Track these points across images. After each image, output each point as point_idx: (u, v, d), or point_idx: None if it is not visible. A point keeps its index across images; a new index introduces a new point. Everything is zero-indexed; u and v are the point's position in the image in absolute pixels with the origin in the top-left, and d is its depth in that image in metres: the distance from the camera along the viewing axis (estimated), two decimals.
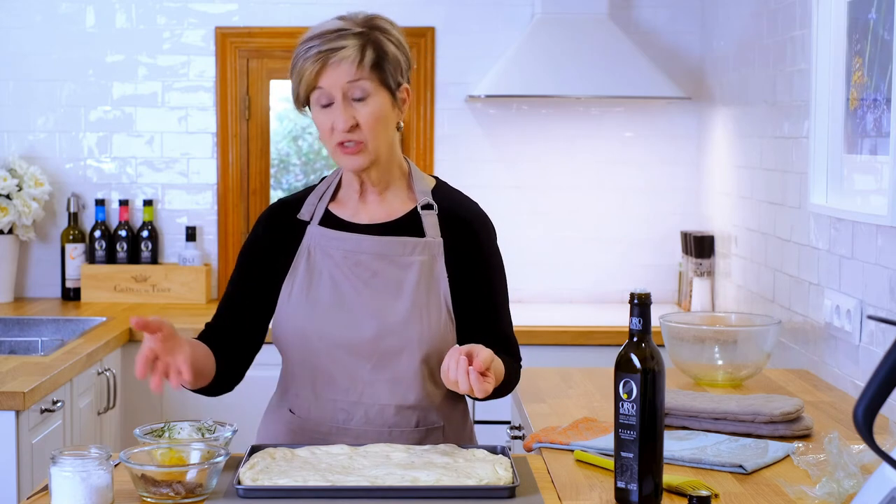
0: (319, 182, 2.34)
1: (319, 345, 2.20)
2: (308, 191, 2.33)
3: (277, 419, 2.30)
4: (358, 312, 2.20)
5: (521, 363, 2.35)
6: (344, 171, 2.28)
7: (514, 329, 2.34)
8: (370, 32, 2.17)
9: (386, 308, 2.20)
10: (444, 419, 2.27)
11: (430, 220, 2.26)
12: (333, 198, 2.30)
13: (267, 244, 2.28)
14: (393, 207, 2.28)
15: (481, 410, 3.88)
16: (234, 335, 2.27)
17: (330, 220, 2.27)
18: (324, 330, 2.20)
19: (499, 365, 2.16)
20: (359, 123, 2.16)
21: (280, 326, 2.24)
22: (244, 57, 4.60)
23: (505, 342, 2.29)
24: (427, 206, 2.27)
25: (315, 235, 2.25)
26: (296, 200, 2.32)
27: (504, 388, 2.24)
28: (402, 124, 2.26)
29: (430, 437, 2.24)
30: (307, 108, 2.22)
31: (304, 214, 2.28)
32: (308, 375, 2.24)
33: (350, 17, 2.20)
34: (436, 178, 2.35)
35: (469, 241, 2.28)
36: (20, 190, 4.38)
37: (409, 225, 2.26)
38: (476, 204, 2.35)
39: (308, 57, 2.15)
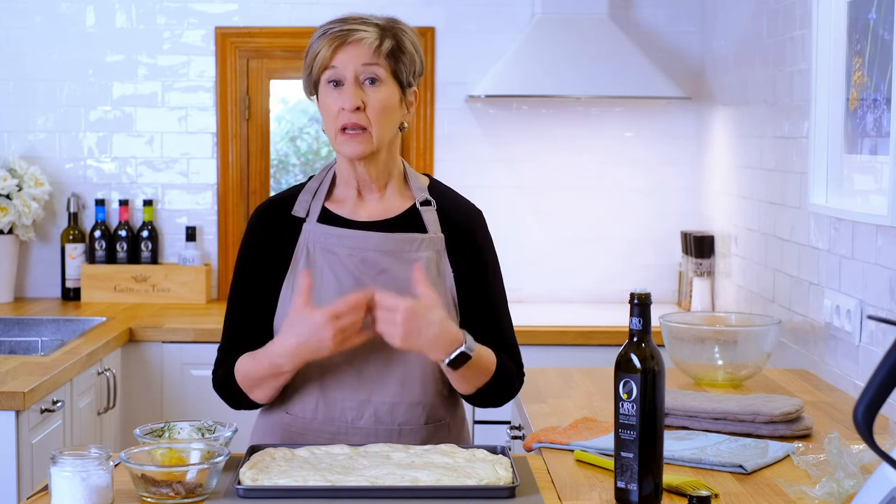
0: (308, 180, 2.30)
1: None
2: (295, 189, 2.29)
3: (275, 422, 2.25)
4: None
5: (524, 373, 2.29)
6: (341, 163, 2.25)
7: (515, 329, 2.31)
8: (391, 27, 2.20)
9: None
10: (449, 415, 2.27)
11: (430, 217, 2.25)
12: (328, 195, 2.27)
13: (265, 243, 2.24)
14: (391, 205, 2.26)
15: (481, 410, 3.87)
16: (258, 343, 2.21)
17: (328, 218, 2.24)
18: None
19: (487, 355, 2.15)
20: (366, 106, 2.16)
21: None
22: (244, 57, 4.60)
23: (505, 345, 2.25)
24: (425, 203, 2.26)
25: (314, 233, 2.22)
26: (284, 199, 2.28)
27: (495, 389, 2.19)
28: (406, 125, 2.25)
29: (438, 434, 2.22)
30: (315, 95, 2.21)
31: (298, 211, 2.24)
32: (315, 375, 2.19)
33: (371, 14, 2.23)
34: (429, 176, 2.34)
35: (467, 240, 2.27)
36: (20, 190, 4.38)
37: (409, 222, 2.24)
38: (470, 202, 2.33)
39: (326, 36, 2.16)
